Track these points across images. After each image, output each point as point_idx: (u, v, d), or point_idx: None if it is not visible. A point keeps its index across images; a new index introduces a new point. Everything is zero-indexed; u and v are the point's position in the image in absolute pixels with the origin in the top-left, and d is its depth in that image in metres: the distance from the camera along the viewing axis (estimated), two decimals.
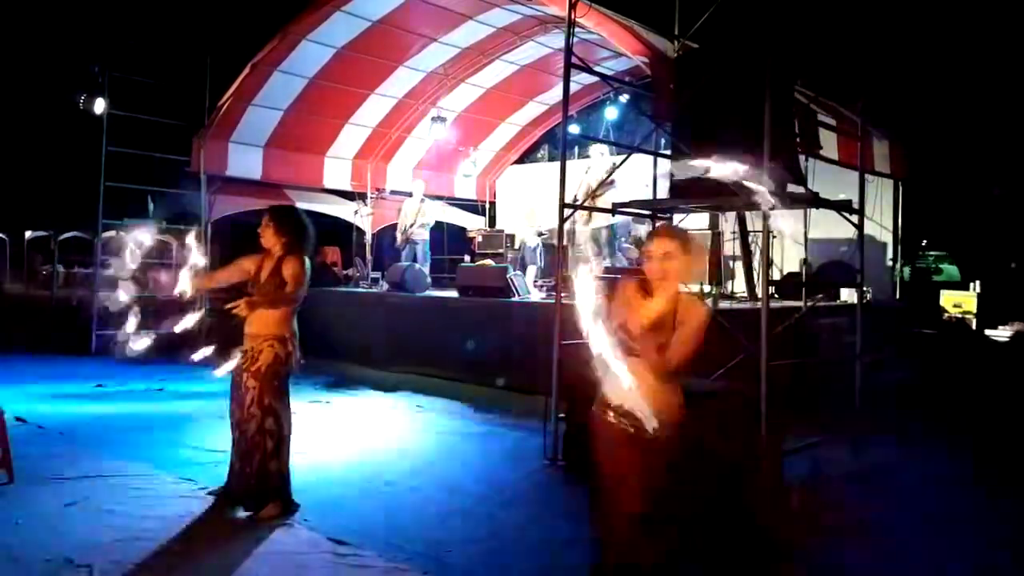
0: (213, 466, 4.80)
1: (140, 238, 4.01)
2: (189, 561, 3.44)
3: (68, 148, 14.49)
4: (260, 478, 3.97)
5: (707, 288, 7.89)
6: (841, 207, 5.72)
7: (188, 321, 4.21)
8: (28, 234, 17.48)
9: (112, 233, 12.72)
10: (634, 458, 2.70)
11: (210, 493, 4.26)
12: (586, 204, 7.25)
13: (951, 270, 11.17)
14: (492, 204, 14.09)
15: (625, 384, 2.52)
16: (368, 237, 11.46)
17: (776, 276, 8.67)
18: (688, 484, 2.74)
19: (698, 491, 2.77)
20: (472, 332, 7.64)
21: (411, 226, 10.52)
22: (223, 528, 3.85)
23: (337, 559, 3.50)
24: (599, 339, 2.46)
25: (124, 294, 4.08)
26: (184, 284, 4.05)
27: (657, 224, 2.86)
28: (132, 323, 4.10)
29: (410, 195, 10.86)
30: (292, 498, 4.07)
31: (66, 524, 3.83)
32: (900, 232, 9.89)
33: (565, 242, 6.59)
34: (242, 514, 3.99)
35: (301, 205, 11.89)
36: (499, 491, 4.59)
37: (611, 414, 2.76)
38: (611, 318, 2.75)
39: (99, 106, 10.11)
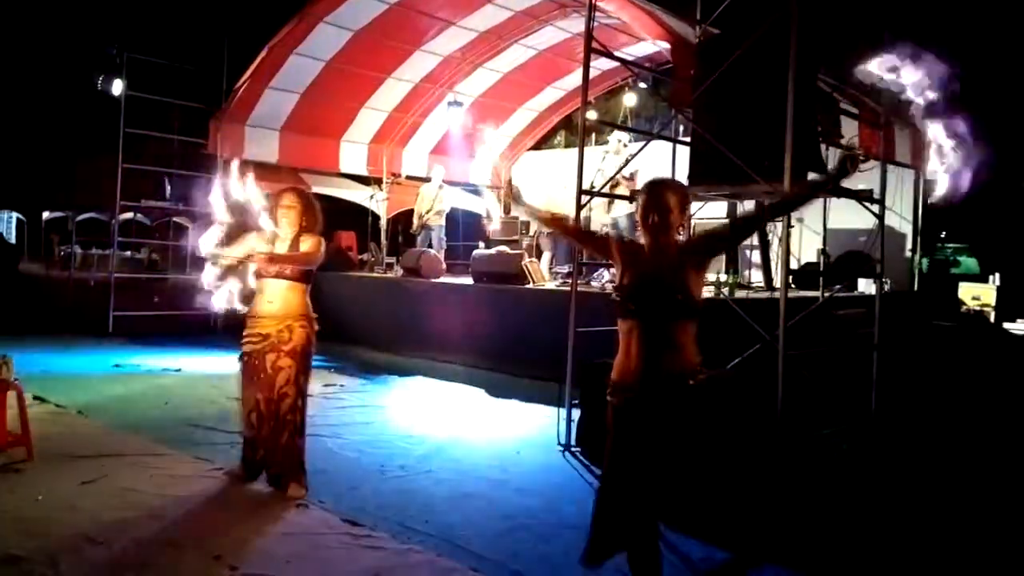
0: (229, 446, 4.84)
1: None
2: (205, 539, 3.47)
3: (86, 129, 14.58)
4: (289, 455, 4.06)
5: (723, 277, 7.83)
6: (861, 197, 5.65)
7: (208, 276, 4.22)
8: (46, 215, 17.64)
9: (129, 215, 12.81)
10: (630, 433, 2.61)
11: (226, 473, 4.29)
12: (604, 191, 7.19)
13: (970, 263, 11.02)
14: None
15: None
16: (383, 222, 11.47)
17: (794, 265, 8.59)
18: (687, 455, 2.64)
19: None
20: (486, 318, 7.64)
21: (427, 212, 10.51)
22: (239, 508, 3.88)
23: (351, 539, 3.52)
24: None
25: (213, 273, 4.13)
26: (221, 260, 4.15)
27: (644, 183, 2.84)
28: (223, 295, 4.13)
29: (428, 180, 10.84)
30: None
31: (84, 502, 3.87)
32: (920, 223, 9.77)
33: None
34: (259, 487, 4.06)
35: (317, 189, 11.91)
36: (513, 477, 4.60)
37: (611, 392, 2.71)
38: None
39: (117, 87, 10.16)
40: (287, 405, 4.04)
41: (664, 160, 6.84)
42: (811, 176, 5.15)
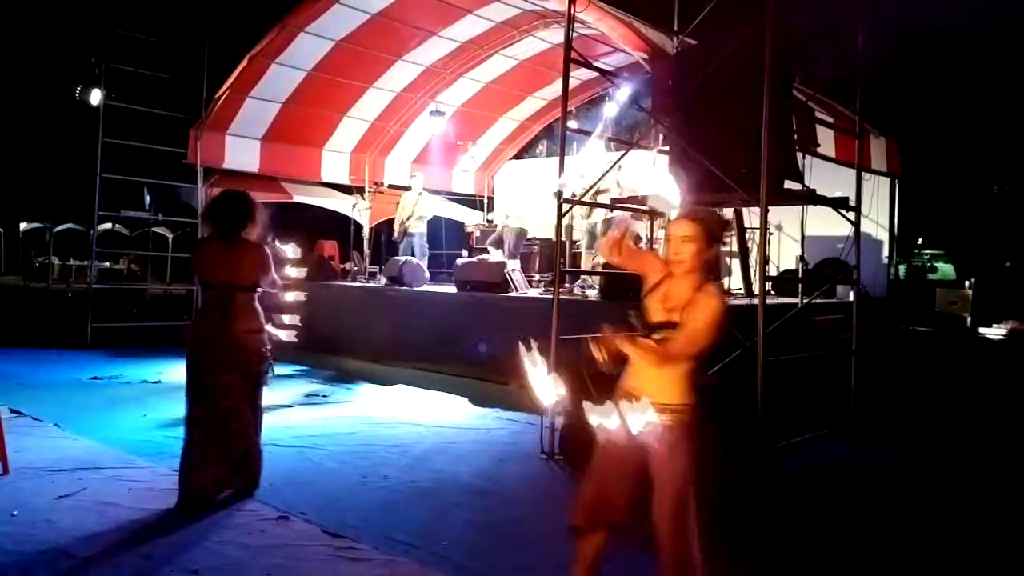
0: None
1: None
2: (186, 553, 3.44)
3: (64, 140, 14.43)
4: (254, 465, 4.16)
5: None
6: (838, 204, 5.73)
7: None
8: (23, 226, 17.42)
9: (108, 225, 12.69)
10: (622, 453, 2.59)
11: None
12: (585, 199, 7.24)
13: (946, 268, 11.20)
14: (490, 199, 14.09)
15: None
16: (366, 231, 11.45)
17: (772, 272, 8.68)
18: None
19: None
20: (469, 326, 7.64)
21: (408, 219, 10.54)
22: (220, 521, 3.84)
23: (334, 552, 3.51)
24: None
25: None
26: None
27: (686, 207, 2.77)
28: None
29: (409, 189, 10.88)
30: None
31: (62, 516, 3.83)
32: (896, 230, 9.92)
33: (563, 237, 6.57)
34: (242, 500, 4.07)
35: (298, 198, 11.91)
36: (496, 485, 4.60)
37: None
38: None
39: (95, 97, 10.07)
40: (250, 413, 4.13)
41: (644, 169, 6.91)
42: (787, 184, 5.22)
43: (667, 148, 6.11)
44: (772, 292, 8.20)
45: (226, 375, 3.99)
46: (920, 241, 11.15)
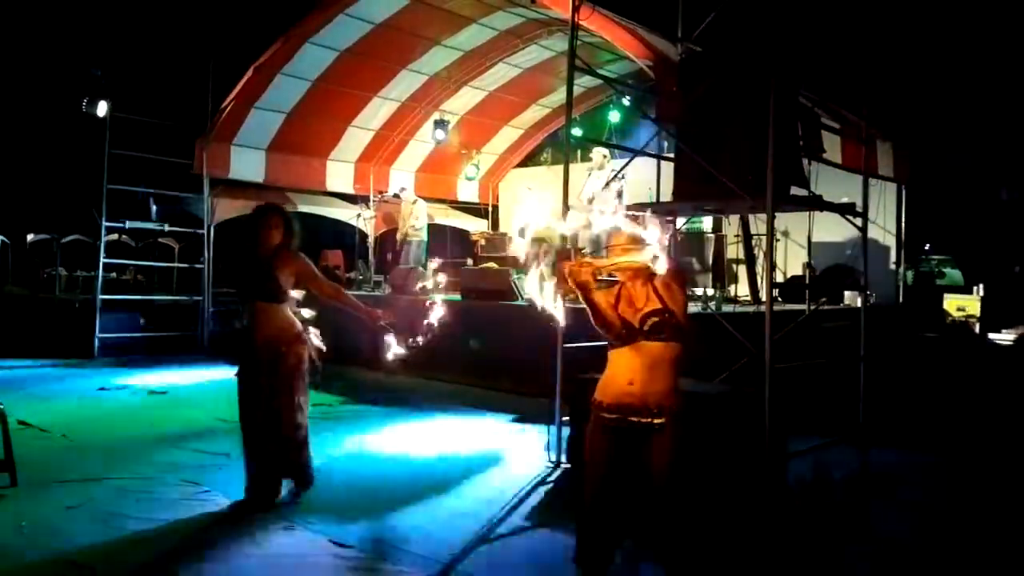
0: (217, 469, 4.80)
1: None
2: (192, 564, 3.43)
3: (70, 151, 14.49)
4: (306, 464, 4.29)
5: (711, 291, 7.88)
6: (845, 210, 5.70)
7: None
8: (30, 237, 17.48)
9: (114, 236, 12.72)
10: (615, 450, 2.81)
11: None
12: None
13: (954, 274, 11.14)
14: (495, 207, 14.10)
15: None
16: (371, 240, 11.48)
17: (780, 279, 8.66)
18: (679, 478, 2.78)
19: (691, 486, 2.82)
20: (476, 335, 7.63)
21: (405, 227, 10.59)
22: (226, 531, 3.83)
23: (341, 562, 3.49)
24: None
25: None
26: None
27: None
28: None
29: (401, 198, 10.93)
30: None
31: (70, 527, 3.82)
32: (903, 236, 9.87)
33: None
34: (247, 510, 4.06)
35: (303, 208, 11.93)
36: (505, 495, 4.57)
37: (602, 413, 2.85)
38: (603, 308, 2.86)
39: (102, 108, 10.11)
40: (297, 419, 4.24)
41: (649, 176, 6.90)
42: (793, 190, 5.21)
43: (672, 155, 6.10)
44: (779, 299, 8.19)
45: None
46: (928, 246, 11.11)
